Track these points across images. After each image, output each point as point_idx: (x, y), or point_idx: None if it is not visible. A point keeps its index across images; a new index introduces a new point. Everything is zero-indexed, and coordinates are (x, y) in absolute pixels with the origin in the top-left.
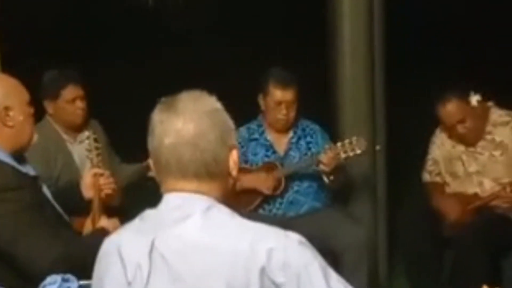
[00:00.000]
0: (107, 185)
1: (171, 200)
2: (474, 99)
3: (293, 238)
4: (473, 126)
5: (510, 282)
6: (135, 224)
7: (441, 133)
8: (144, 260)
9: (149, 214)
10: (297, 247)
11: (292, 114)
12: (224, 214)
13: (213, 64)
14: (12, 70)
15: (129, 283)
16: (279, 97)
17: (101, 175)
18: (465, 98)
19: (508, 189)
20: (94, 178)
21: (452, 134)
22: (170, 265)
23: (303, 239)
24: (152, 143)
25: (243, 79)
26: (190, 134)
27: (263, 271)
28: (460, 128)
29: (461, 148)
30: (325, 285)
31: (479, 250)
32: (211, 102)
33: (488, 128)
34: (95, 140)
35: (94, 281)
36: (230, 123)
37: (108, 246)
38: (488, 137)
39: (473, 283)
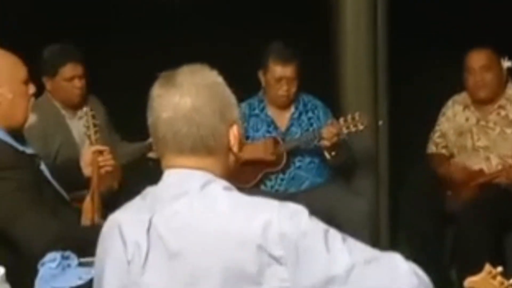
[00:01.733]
0: (106, 161)
1: (169, 177)
2: (506, 64)
3: (289, 208)
4: (494, 82)
5: None
6: (136, 202)
7: (454, 105)
8: (143, 239)
9: (149, 191)
10: (292, 216)
11: (293, 90)
12: (220, 190)
13: (212, 37)
14: (13, 45)
15: (128, 262)
16: (279, 73)
17: (101, 152)
18: (497, 56)
19: None
20: (94, 155)
21: (473, 80)
22: (167, 243)
23: (301, 208)
24: (150, 117)
25: (243, 53)
26: (187, 108)
27: (259, 247)
28: (484, 75)
29: (473, 121)
30: (326, 252)
31: (482, 226)
32: (211, 76)
33: (502, 102)
34: (93, 116)
35: (97, 259)
36: (231, 97)
37: (110, 225)
38: (502, 112)
39: (475, 259)
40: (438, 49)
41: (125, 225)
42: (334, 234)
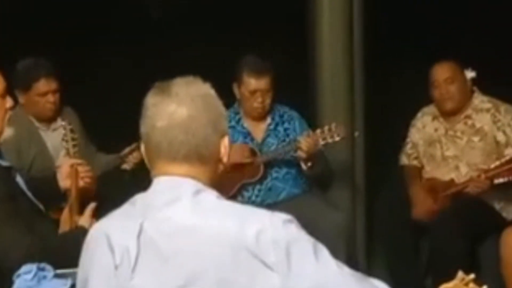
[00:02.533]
0: (85, 173)
1: (160, 183)
2: (469, 74)
3: (281, 217)
4: (458, 94)
5: (486, 268)
6: (124, 209)
7: (424, 116)
8: (132, 243)
9: (138, 198)
10: (285, 225)
11: (268, 101)
12: (212, 198)
13: (186, 52)
14: None
15: (116, 267)
16: (253, 86)
17: (79, 165)
18: (460, 68)
19: (482, 176)
20: (72, 168)
21: (439, 93)
22: (159, 248)
23: (291, 217)
24: (144, 126)
25: (219, 66)
26: (183, 117)
27: (252, 254)
28: (447, 87)
29: (441, 131)
30: (315, 260)
31: (455, 236)
32: (205, 87)
33: (469, 111)
34: (71, 131)
35: (81, 268)
36: (222, 109)
37: (96, 232)
38: (469, 121)
39: (449, 269)
40: (414, 59)
41: (112, 232)
42: (321, 248)
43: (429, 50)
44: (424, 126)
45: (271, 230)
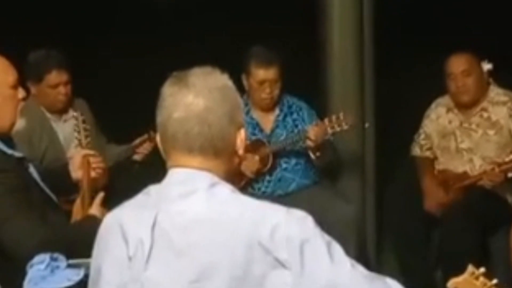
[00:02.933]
0: (97, 164)
1: (175, 175)
2: (486, 66)
3: (296, 213)
4: (474, 86)
5: (497, 260)
6: (139, 199)
7: (438, 107)
8: (146, 235)
9: (152, 189)
10: (300, 222)
11: (276, 92)
12: (228, 191)
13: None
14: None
15: (129, 258)
16: (261, 77)
17: (91, 156)
18: (477, 59)
19: (496, 169)
20: (84, 159)
21: (455, 86)
22: (173, 240)
23: (306, 214)
24: (160, 116)
25: (227, 56)
26: (200, 108)
27: (266, 250)
28: (465, 80)
29: (456, 123)
30: (329, 259)
31: (466, 228)
32: (222, 79)
33: (485, 104)
34: (83, 121)
35: (94, 258)
36: (240, 101)
37: (110, 221)
38: (484, 114)
39: (460, 261)
40: (425, 49)
41: (126, 222)
42: (336, 246)
43: (441, 40)
44: (438, 117)
45: (285, 227)
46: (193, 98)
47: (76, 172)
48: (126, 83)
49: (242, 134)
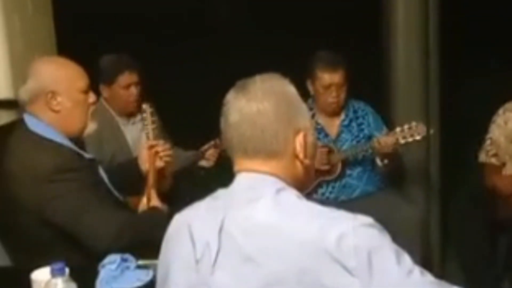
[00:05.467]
0: (164, 152)
1: (242, 180)
2: None
3: (363, 221)
4: None
5: None
6: (207, 202)
7: (505, 113)
8: (214, 239)
9: (220, 193)
10: (368, 230)
11: (343, 96)
12: (293, 197)
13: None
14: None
15: (197, 261)
16: (327, 81)
17: (157, 145)
18: None
19: None
20: (150, 150)
21: None
22: (239, 245)
23: (373, 222)
24: (221, 122)
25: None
26: (252, 112)
27: (334, 258)
28: None
29: None
30: (398, 268)
31: None
32: (281, 84)
33: None
34: (152, 113)
35: (162, 259)
36: (301, 106)
37: (177, 224)
38: None
39: None
40: (491, 55)
41: (195, 225)
42: (404, 255)
43: (505, 50)
44: (506, 123)
45: (352, 235)
46: (246, 102)
47: (144, 164)
48: (194, 89)
49: (301, 138)
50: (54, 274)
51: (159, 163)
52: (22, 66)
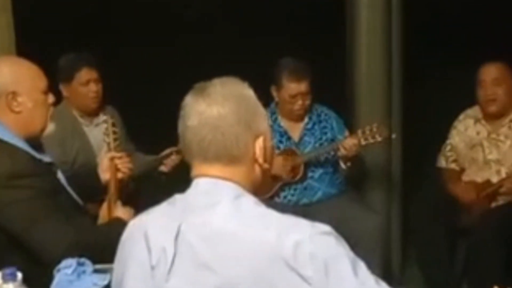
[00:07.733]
0: (124, 164)
1: (199, 185)
2: None
3: (320, 229)
4: (504, 96)
5: None
6: (163, 207)
7: (466, 118)
8: (170, 245)
9: (177, 198)
10: (325, 238)
11: (308, 103)
12: (252, 204)
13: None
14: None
15: (152, 267)
16: (294, 91)
17: (118, 158)
18: (510, 70)
19: None
20: (111, 161)
21: (484, 94)
22: (195, 251)
23: (330, 230)
24: (179, 126)
25: (255, 68)
26: (213, 116)
27: (290, 266)
28: (494, 89)
29: (484, 134)
30: (354, 278)
31: (494, 241)
32: (241, 87)
33: None
34: (113, 124)
35: (117, 263)
36: (260, 110)
37: (134, 228)
38: None
39: (486, 274)
40: (454, 60)
41: (151, 230)
42: (360, 264)
43: (469, 52)
44: (466, 129)
45: (309, 243)
46: (206, 106)
47: (104, 174)
48: (156, 93)
49: (260, 142)
50: (5, 279)
51: (119, 174)
52: None
